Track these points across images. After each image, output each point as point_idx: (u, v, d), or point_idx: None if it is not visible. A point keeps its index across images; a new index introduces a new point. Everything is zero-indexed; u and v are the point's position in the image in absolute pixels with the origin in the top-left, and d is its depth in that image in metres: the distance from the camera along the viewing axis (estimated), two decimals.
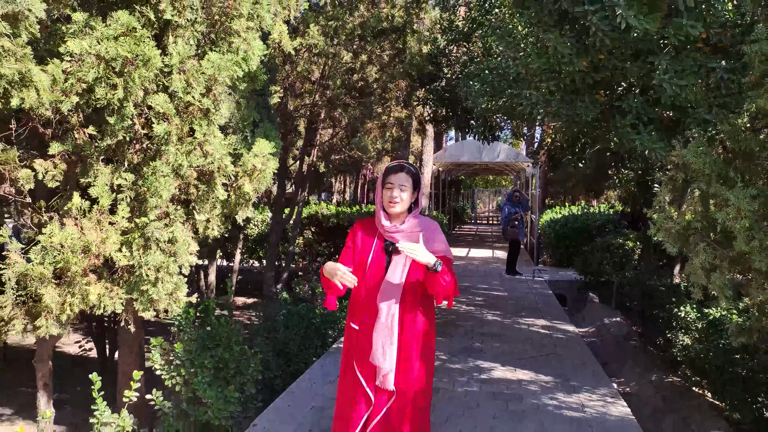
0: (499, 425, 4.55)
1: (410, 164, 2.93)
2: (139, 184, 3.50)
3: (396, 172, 2.87)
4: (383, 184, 2.88)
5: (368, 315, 2.85)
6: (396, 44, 7.58)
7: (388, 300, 2.81)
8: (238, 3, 3.64)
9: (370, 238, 2.94)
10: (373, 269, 2.86)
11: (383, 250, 2.88)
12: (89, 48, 3.20)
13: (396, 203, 2.82)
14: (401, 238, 2.83)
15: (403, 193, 2.82)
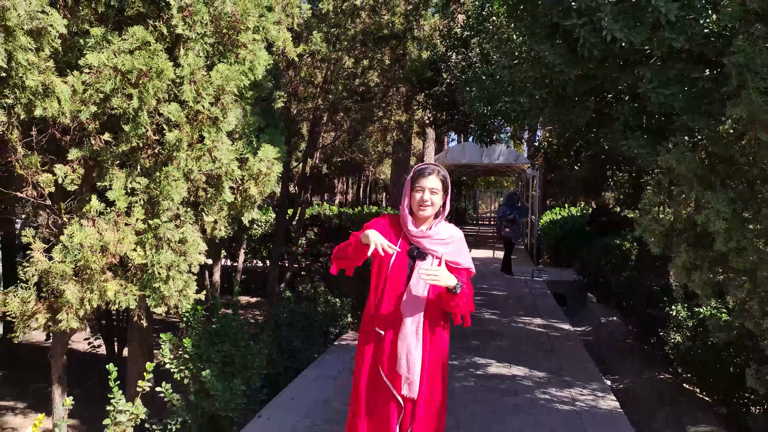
0: (495, 418, 4.77)
1: (440, 166, 2.87)
2: (152, 187, 3.72)
3: (427, 174, 2.80)
4: (412, 186, 2.80)
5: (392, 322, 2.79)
6: (396, 50, 7.79)
7: (413, 310, 2.76)
8: (244, 17, 3.86)
9: (395, 238, 2.85)
10: (395, 273, 2.80)
11: (407, 254, 2.81)
12: (107, 61, 3.42)
13: (427, 206, 2.77)
14: (428, 244, 2.78)
15: (434, 196, 2.77)
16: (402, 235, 2.85)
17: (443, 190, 2.82)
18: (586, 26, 3.96)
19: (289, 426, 4.50)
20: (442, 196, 2.83)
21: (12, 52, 3.15)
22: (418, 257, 2.77)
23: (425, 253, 2.78)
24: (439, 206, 2.82)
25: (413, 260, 2.79)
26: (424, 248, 2.78)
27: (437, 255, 2.75)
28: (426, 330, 2.78)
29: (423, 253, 2.78)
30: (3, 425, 5.98)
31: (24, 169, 3.54)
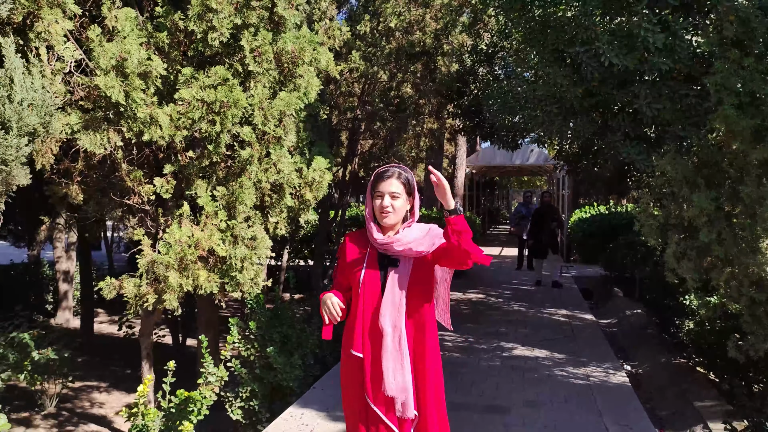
0: (515, 388, 5.53)
1: (401, 167, 2.63)
2: (229, 194, 4.59)
3: (386, 178, 2.54)
4: (372, 193, 2.57)
5: (371, 340, 2.54)
6: (428, 65, 8.58)
7: (392, 321, 2.50)
8: (301, 53, 4.70)
9: (362, 252, 2.62)
10: (368, 285, 2.55)
11: (376, 265, 2.57)
12: (195, 94, 4.30)
13: (388, 213, 2.52)
14: (397, 248, 2.52)
15: (395, 201, 2.52)
16: (369, 246, 2.61)
17: (407, 194, 2.57)
18: (586, 53, 4.69)
19: (338, 395, 5.34)
20: (407, 199, 2.58)
21: (128, 91, 4.05)
22: (389, 264, 2.54)
23: (395, 258, 2.54)
24: (403, 212, 2.57)
25: (384, 269, 2.55)
26: (394, 253, 2.53)
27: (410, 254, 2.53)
28: (411, 341, 2.55)
29: (393, 259, 2.54)
30: (92, 400, 6.95)
31: (131, 181, 4.45)
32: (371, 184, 2.58)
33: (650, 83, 4.87)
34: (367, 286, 2.55)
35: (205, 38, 4.37)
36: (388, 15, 7.94)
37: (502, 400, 5.22)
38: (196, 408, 4.06)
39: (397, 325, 2.50)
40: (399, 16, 7.89)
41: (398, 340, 2.50)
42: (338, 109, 8.94)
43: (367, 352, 2.54)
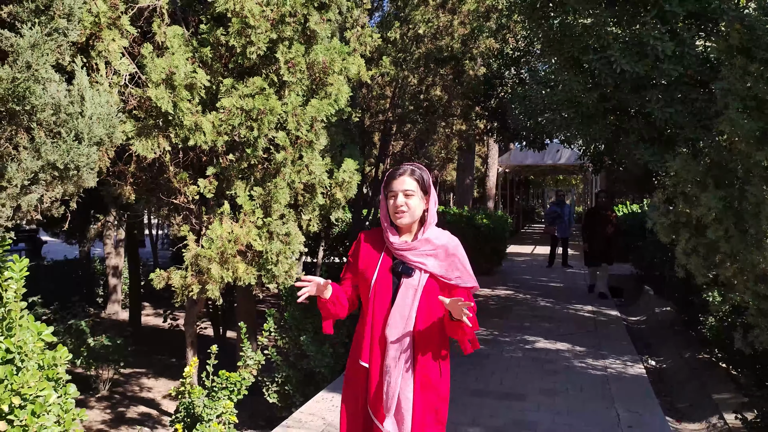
0: (535, 378, 5.83)
1: (415, 165, 2.51)
2: (265, 194, 5.01)
3: (398, 176, 2.44)
4: (386, 193, 2.47)
5: (378, 350, 2.43)
6: (456, 69, 8.91)
7: (399, 334, 2.39)
8: (332, 64, 5.10)
9: (375, 254, 2.49)
10: (379, 292, 2.44)
11: (390, 270, 2.44)
12: (235, 103, 4.74)
13: (402, 213, 2.40)
14: (413, 257, 2.41)
15: (409, 200, 2.40)
16: (384, 249, 2.48)
17: (422, 192, 2.45)
18: (600, 60, 4.96)
19: None
20: (422, 198, 2.46)
21: (176, 101, 4.50)
22: (402, 273, 2.41)
23: (411, 267, 2.42)
24: (419, 211, 2.45)
25: (398, 277, 2.43)
26: (409, 262, 2.42)
27: (426, 269, 2.41)
28: (419, 358, 2.44)
29: (408, 268, 2.41)
30: (140, 385, 7.49)
31: (178, 183, 4.91)
32: (384, 184, 2.48)
33: (662, 88, 5.12)
34: (378, 293, 2.44)
35: (244, 52, 4.80)
36: (417, 22, 8.29)
37: (520, 388, 5.53)
38: (236, 388, 4.49)
39: (404, 337, 2.39)
40: (428, 22, 8.23)
41: (404, 353, 2.39)
42: (370, 111, 9.32)
43: (374, 362, 2.43)
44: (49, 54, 2.49)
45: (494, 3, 8.47)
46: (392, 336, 2.40)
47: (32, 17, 2.63)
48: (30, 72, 2.39)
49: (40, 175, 2.81)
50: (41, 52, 2.42)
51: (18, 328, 2.81)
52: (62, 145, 2.84)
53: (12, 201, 2.72)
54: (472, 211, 13.84)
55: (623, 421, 4.77)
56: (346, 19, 7.67)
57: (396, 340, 2.40)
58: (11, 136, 2.70)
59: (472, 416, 4.84)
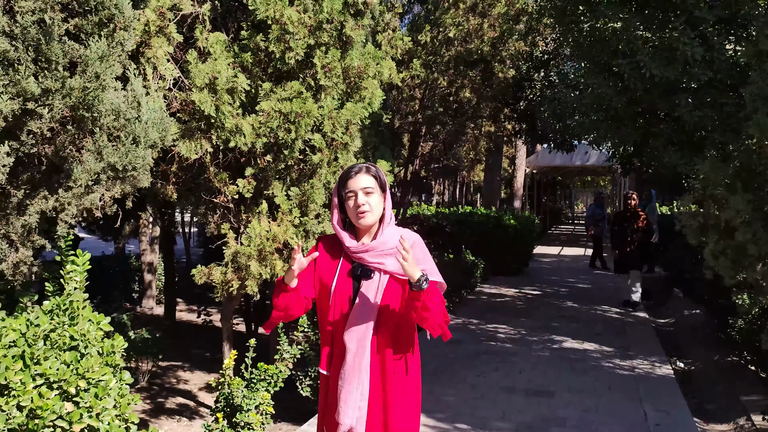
0: (563, 376, 5.93)
1: (370, 164, 2.40)
2: (302, 194, 5.20)
3: (354, 174, 2.33)
4: (342, 194, 2.34)
5: (337, 356, 2.33)
6: (485, 71, 9.03)
7: (356, 337, 2.27)
8: (366, 69, 5.27)
9: (334, 260, 2.39)
10: (339, 299, 2.33)
11: (349, 274, 2.34)
12: (274, 106, 4.93)
13: (366, 212, 2.28)
14: (371, 258, 2.30)
15: (370, 198, 2.29)
16: (343, 255, 2.38)
17: (380, 189, 2.35)
18: (629, 65, 5.05)
19: None
20: (380, 195, 2.35)
21: (218, 105, 4.71)
22: (362, 276, 2.30)
23: (370, 269, 2.30)
24: (380, 209, 2.35)
25: (357, 281, 2.32)
26: (368, 264, 2.30)
27: (385, 269, 2.30)
28: (379, 362, 2.30)
29: (368, 270, 2.30)
30: (177, 377, 7.76)
31: (218, 182, 5.13)
32: (337, 187, 2.36)
33: (692, 92, 5.19)
34: (338, 299, 2.33)
35: (283, 57, 4.99)
36: (447, 25, 8.42)
37: (549, 385, 5.64)
38: (273, 380, 4.68)
39: (362, 344, 2.26)
40: (458, 26, 8.35)
41: (360, 360, 2.26)
42: (400, 113, 9.48)
43: (333, 370, 2.34)
44: (114, 65, 2.70)
45: (524, 6, 8.56)
46: (350, 341, 2.28)
47: (96, 30, 2.84)
48: (98, 82, 2.59)
49: (101, 176, 3.03)
50: (108, 64, 2.63)
51: (80, 318, 3.02)
52: (121, 147, 3.05)
53: (77, 200, 2.93)
54: (500, 212, 13.93)
55: (651, 419, 4.86)
56: (378, 22, 7.84)
57: (354, 346, 2.27)
58: (76, 140, 2.91)
59: (501, 411, 4.97)
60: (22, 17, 2.35)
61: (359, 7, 5.26)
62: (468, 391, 5.45)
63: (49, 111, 2.57)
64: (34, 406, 2.41)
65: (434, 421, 4.76)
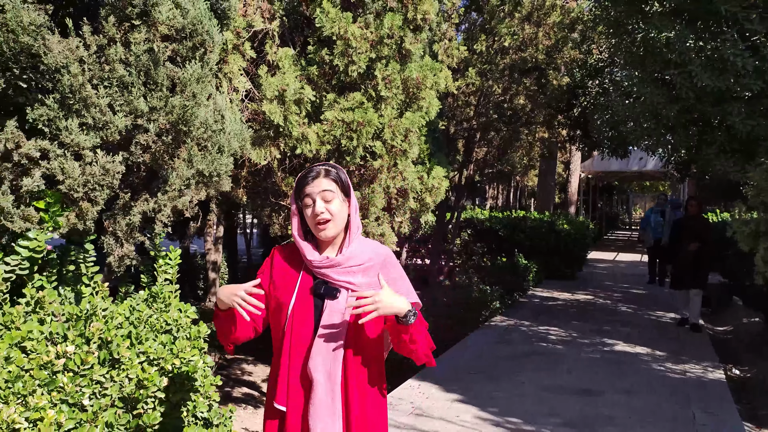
0: (612, 377, 6.08)
1: (329, 164, 2.10)
2: (362, 198, 5.55)
3: (311, 179, 2.03)
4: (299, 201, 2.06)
5: (299, 388, 2.02)
6: (539, 79, 9.20)
7: (324, 367, 1.99)
8: (424, 80, 5.58)
9: (293, 274, 2.09)
10: (298, 320, 2.02)
11: (311, 292, 2.04)
12: (337, 115, 5.30)
13: (326, 222, 1.99)
14: (337, 275, 2.03)
15: (330, 204, 1.99)
16: (303, 267, 2.08)
17: (342, 194, 2.05)
18: (681, 75, 5.20)
19: (450, 373, 6.17)
20: (343, 201, 2.06)
21: (286, 115, 5.11)
22: (326, 295, 2.02)
23: (335, 288, 2.03)
24: (344, 218, 2.05)
25: (321, 299, 2.03)
26: (333, 281, 2.03)
27: (354, 288, 2.03)
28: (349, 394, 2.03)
29: (333, 289, 2.03)
30: (242, 370, 8.24)
31: (285, 186, 5.53)
32: (294, 191, 2.06)
33: (744, 101, 5.28)
34: (296, 321, 2.02)
35: (346, 70, 5.35)
36: (503, 34, 8.65)
37: (597, 385, 5.81)
38: None
39: (332, 374, 1.99)
40: (513, 35, 8.57)
41: (332, 392, 1.99)
42: (455, 119, 9.75)
43: (293, 405, 2.02)
44: (207, 85, 3.09)
45: (579, 15, 8.70)
46: (318, 373, 1.98)
47: (190, 53, 3.25)
48: (195, 100, 2.99)
49: (191, 181, 3.44)
50: (203, 85, 3.02)
51: (171, 306, 3.44)
52: (208, 156, 3.45)
53: (171, 202, 3.35)
54: (553, 217, 13.99)
55: (698, 420, 4.98)
56: (435, 33, 8.14)
57: (323, 377, 1.99)
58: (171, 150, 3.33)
59: (549, 408, 5.18)
60: (136, 47, 2.76)
61: (418, 23, 5.58)
62: (517, 388, 5.68)
63: (154, 125, 2.99)
64: (141, 377, 2.81)
65: (487, 414, 5.02)
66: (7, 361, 2.48)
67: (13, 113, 2.66)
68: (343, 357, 2.02)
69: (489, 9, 8.92)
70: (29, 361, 2.53)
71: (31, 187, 2.63)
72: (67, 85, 2.55)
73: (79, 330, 2.76)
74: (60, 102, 2.60)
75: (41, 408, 2.38)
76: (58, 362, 2.57)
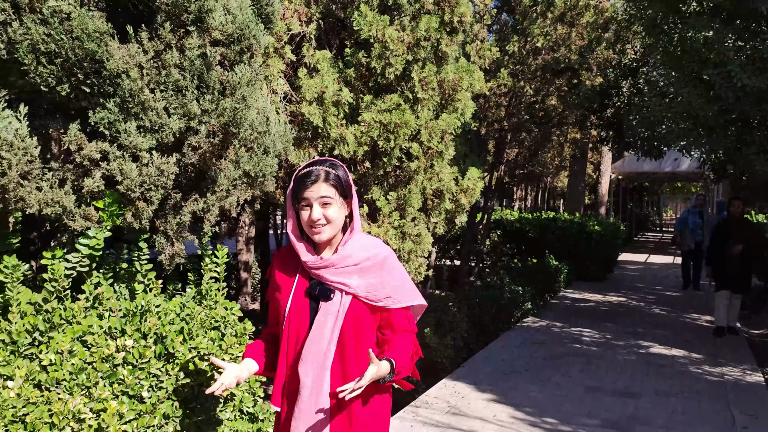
0: (649, 379, 6.04)
1: (328, 163, 2.02)
2: (399, 198, 5.61)
3: (310, 184, 1.96)
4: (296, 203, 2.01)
5: (291, 390, 2.03)
6: (572, 79, 9.17)
7: (312, 369, 1.96)
8: (460, 82, 5.62)
9: (290, 276, 2.07)
10: (294, 322, 2.02)
11: (306, 294, 2.02)
12: (374, 117, 5.37)
13: (322, 227, 1.97)
14: (331, 276, 1.99)
15: (328, 209, 1.96)
16: (299, 269, 2.06)
17: (341, 197, 2.01)
18: (720, 75, 5.16)
19: (484, 373, 6.18)
20: (342, 204, 2.02)
21: (325, 116, 5.20)
22: (320, 296, 1.99)
23: (329, 289, 1.99)
24: (341, 220, 2.02)
25: (315, 301, 2.01)
26: (327, 282, 1.99)
27: (348, 290, 1.98)
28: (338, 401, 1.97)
29: (327, 290, 1.99)
30: None
31: None
32: (291, 191, 2.02)
33: None
34: (293, 323, 2.02)
35: (384, 72, 5.42)
36: (535, 35, 8.64)
37: (634, 387, 5.78)
38: None
39: (320, 378, 1.95)
40: (546, 35, 8.56)
41: (317, 395, 1.95)
42: (486, 121, 9.76)
43: (285, 407, 2.04)
44: (257, 89, 3.18)
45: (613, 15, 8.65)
46: (305, 375, 1.96)
47: (238, 57, 3.34)
48: (245, 103, 3.08)
49: (238, 181, 3.53)
50: (253, 88, 3.11)
51: (218, 304, 3.53)
52: (254, 157, 3.54)
53: (219, 202, 3.44)
54: (584, 218, 13.89)
55: (738, 422, 4.94)
56: (467, 34, 8.17)
57: (309, 380, 1.95)
58: (219, 151, 3.43)
59: (587, 409, 5.17)
60: (190, 52, 2.86)
61: (454, 25, 5.62)
62: (553, 389, 5.68)
63: (205, 127, 3.08)
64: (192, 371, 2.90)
65: (522, 414, 5.03)
66: (71, 354, 2.58)
67: (75, 117, 2.78)
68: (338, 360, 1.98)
69: (521, 10, 8.92)
70: (91, 355, 2.64)
71: (92, 187, 2.74)
72: (127, 90, 2.66)
73: (135, 325, 2.87)
74: (120, 105, 2.70)
75: (104, 399, 2.49)
76: (119, 356, 2.67)
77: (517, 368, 6.37)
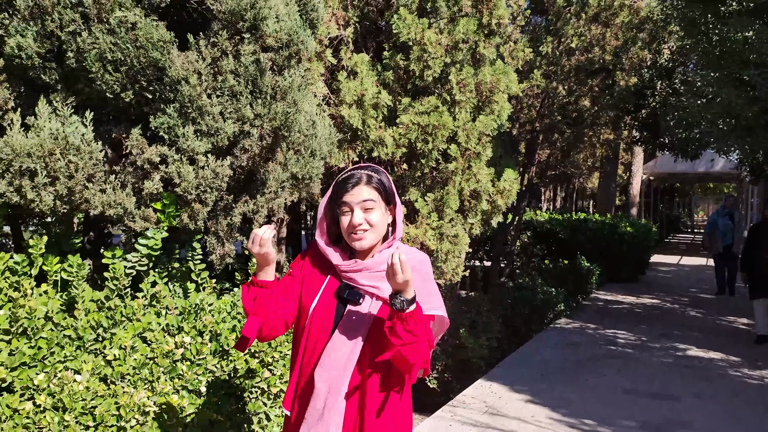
0: (687, 382, 6.00)
1: (370, 167, 1.97)
2: (437, 199, 5.66)
3: (351, 187, 1.87)
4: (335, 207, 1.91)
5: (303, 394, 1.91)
6: (606, 80, 9.12)
7: (329, 376, 1.83)
8: (497, 84, 5.65)
9: (321, 275, 1.97)
10: (317, 322, 1.91)
11: (335, 295, 1.92)
12: (412, 119, 5.43)
13: (363, 233, 1.87)
14: (364, 279, 1.89)
15: (369, 214, 1.87)
16: (331, 272, 1.97)
17: (384, 202, 1.92)
18: (761, 75, 5.11)
19: (519, 374, 6.20)
20: (386, 210, 1.93)
21: (364, 119, 5.27)
22: (349, 299, 1.89)
23: (359, 293, 1.89)
24: (384, 227, 1.93)
25: (343, 304, 1.91)
26: (359, 286, 1.89)
27: (380, 294, 1.87)
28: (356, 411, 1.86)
29: (357, 294, 1.89)
30: None
31: None
32: (329, 197, 1.94)
33: None
34: (315, 323, 1.91)
35: (422, 74, 5.48)
36: (569, 36, 8.62)
37: (672, 390, 5.75)
38: None
39: (336, 386, 1.83)
40: (580, 36, 8.53)
41: (332, 403, 1.82)
42: (518, 122, 9.75)
43: (296, 411, 1.92)
44: (308, 94, 3.27)
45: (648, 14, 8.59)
46: (321, 381, 1.83)
47: (286, 62, 3.43)
48: (296, 107, 3.17)
49: (285, 183, 3.62)
50: (304, 93, 3.20)
51: None
52: (301, 160, 3.63)
53: (268, 203, 3.54)
54: (615, 219, 13.78)
55: None
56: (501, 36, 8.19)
57: (324, 387, 1.83)
58: (267, 153, 3.52)
59: (625, 411, 5.17)
60: (245, 58, 2.95)
61: (492, 27, 5.66)
62: (590, 391, 5.68)
63: (257, 131, 3.17)
64: (245, 368, 3.00)
65: (559, 416, 5.05)
66: (133, 349, 2.69)
67: (137, 122, 2.89)
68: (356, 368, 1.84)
69: (555, 10, 8.90)
70: (152, 351, 2.75)
71: (151, 189, 2.84)
72: (186, 95, 2.76)
73: (191, 323, 2.97)
74: (179, 111, 2.80)
75: (166, 393, 2.59)
76: (177, 352, 2.77)
77: (552, 369, 6.38)
